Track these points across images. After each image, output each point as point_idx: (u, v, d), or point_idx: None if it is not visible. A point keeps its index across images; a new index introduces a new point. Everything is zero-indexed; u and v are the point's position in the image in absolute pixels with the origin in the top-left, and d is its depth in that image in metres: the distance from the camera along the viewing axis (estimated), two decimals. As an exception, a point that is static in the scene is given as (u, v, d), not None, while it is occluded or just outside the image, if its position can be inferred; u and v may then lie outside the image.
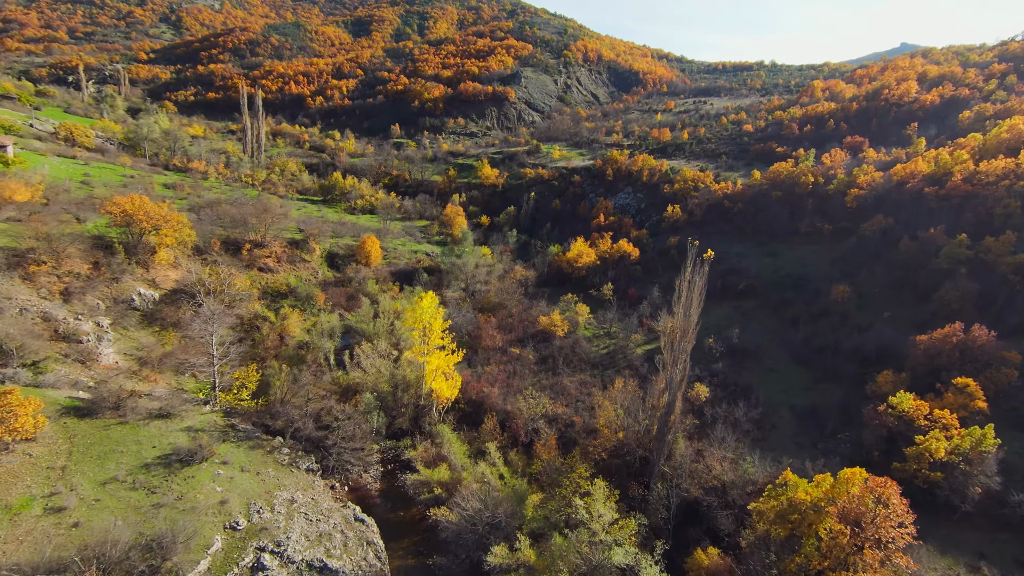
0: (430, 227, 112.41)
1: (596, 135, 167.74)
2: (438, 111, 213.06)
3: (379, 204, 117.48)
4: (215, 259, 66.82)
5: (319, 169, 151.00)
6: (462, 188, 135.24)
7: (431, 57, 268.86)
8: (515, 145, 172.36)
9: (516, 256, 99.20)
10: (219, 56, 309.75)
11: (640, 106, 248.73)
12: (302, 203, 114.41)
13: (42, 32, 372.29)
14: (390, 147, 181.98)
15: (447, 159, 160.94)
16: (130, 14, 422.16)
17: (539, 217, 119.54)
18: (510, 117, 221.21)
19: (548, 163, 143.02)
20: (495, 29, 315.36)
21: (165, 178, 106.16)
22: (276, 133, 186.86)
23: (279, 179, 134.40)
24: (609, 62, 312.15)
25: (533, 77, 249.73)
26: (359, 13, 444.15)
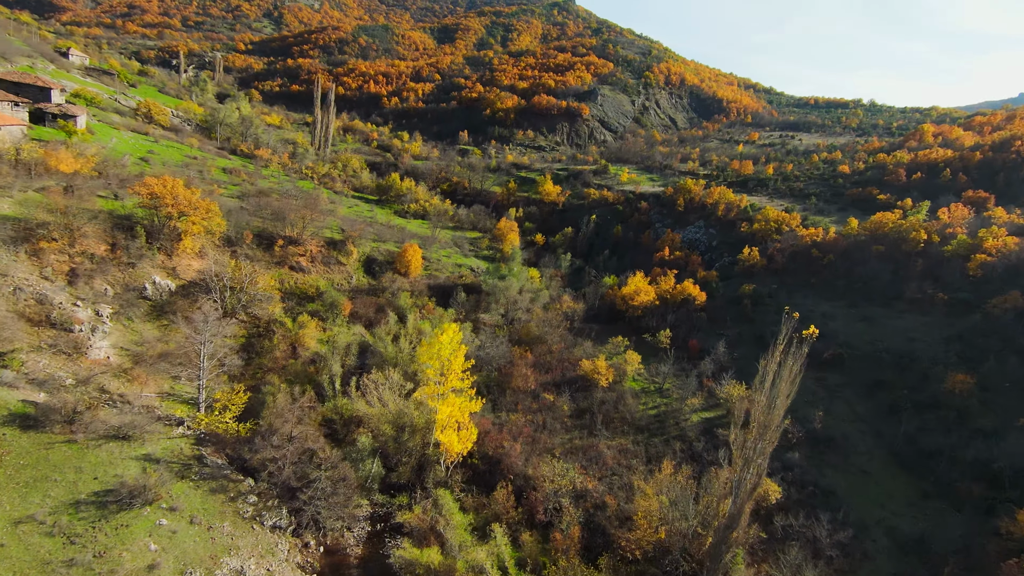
0: (480, 240, 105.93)
1: (670, 160, 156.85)
2: (508, 121, 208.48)
3: (432, 210, 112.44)
4: (245, 252, 62.63)
5: (381, 168, 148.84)
6: (520, 202, 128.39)
7: (509, 68, 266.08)
8: (582, 163, 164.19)
9: (566, 282, 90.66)
10: (309, 52, 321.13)
11: (720, 135, 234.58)
12: (356, 201, 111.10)
13: (159, 19, 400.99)
14: (455, 153, 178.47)
15: (510, 171, 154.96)
16: (238, 8, 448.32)
17: (598, 242, 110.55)
18: (581, 134, 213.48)
19: (615, 185, 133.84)
20: (577, 45, 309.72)
21: (227, 162, 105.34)
22: (347, 129, 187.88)
23: (339, 174, 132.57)
24: (692, 87, 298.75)
25: (610, 95, 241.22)
26: (446, 21, 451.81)
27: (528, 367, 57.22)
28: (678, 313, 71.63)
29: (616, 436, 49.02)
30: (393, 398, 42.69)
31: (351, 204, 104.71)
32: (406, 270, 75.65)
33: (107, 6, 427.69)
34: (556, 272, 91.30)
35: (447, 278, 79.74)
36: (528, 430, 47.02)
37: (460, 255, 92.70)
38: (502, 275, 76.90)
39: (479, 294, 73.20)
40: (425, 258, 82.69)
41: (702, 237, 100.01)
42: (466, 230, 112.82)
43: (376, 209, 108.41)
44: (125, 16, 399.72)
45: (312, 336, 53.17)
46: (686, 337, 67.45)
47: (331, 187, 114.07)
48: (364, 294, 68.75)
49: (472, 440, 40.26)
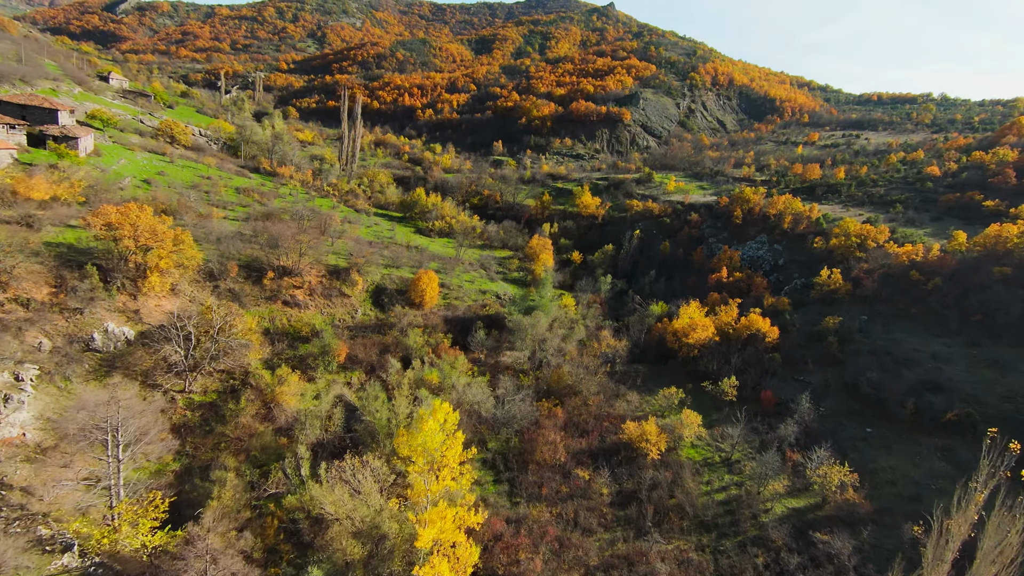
0: (510, 260, 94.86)
1: (721, 166, 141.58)
2: (545, 130, 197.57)
3: (458, 227, 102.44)
4: (230, 287, 53.89)
5: (409, 182, 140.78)
6: (555, 216, 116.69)
7: (546, 75, 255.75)
8: (624, 171, 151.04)
9: (606, 310, 78.16)
10: (348, 68, 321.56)
11: (775, 136, 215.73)
12: (377, 219, 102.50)
13: (210, 43, 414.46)
14: (487, 164, 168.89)
15: (545, 182, 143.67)
16: (284, 30, 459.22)
17: (642, 261, 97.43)
18: (622, 140, 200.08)
19: (660, 195, 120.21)
20: (617, 49, 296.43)
21: (245, 181, 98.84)
22: (379, 143, 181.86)
23: (363, 190, 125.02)
24: (741, 87, 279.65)
25: (653, 99, 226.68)
26: (483, 32, 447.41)
27: (557, 430, 45.35)
28: (744, 353, 58.00)
29: (673, 537, 36.39)
30: (372, 493, 31.85)
31: (371, 223, 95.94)
32: (420, 300, 65.38)
33: (163, 34, 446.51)
34: (595, 298, 78.94)
35: (468, 308, 68.94)
36: (554, 531, 35.11)
37: (486, 279, 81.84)
38: (530, 305, 65.39)
39: (502, 329, 62.03)
40: (444, 285, 72.31)
41: (765, 255, 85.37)
42: (495, 248, 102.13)
43: (398, 227, 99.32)
44: (179, 42, 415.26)
45: (292, 393, 43.24)
46: (756, 386, 53.83)
47: (353, 204, 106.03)
48: (369, 331, 58.79)
49: (473, 562, 28.85)
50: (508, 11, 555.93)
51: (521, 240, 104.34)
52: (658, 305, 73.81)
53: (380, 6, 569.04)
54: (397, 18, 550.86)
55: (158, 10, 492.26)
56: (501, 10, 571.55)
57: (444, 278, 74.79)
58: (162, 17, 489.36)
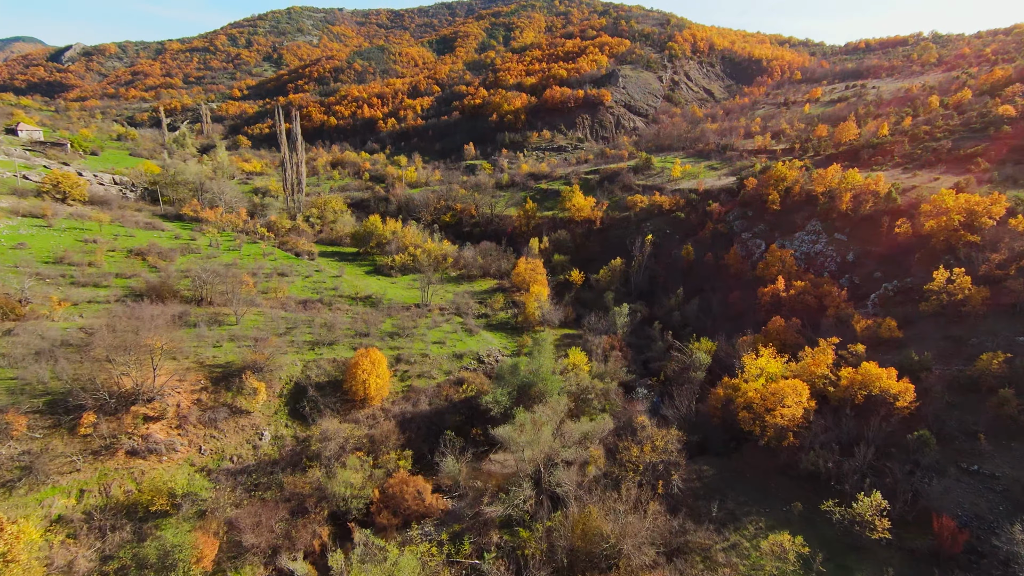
0: (493, 296, 72.86)
1: (729, 140, 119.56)
2: (519, 124, 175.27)
3: (424, 259, 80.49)
4: (11, 453, 32.09)
5: (369, 206, 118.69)
6: (544, 226, 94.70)
7: (514, 65, 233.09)
8: (615, 159, 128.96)
9: (630, 356, 56.31)
10: (304, 86, 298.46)
11: (770, 99, 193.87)
12: (324, 261, 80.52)
13: (161, 80, 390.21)
14: (460, 172, 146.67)
15: (526, 184, 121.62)
16: (238, 56, 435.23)
17: (661, 273, 75.67)
18: (606, 125, 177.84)
19: (666, 184, 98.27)
20: (586, 28, 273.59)
21: (150, 237, 76.72)
22: (336, 163, 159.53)
23: (314, 223, 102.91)
24: (723, 51, 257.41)
25: (632, 75, 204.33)
26: (444, 32, 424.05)
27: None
28: (865, 428, 36.16)
29: None
30: None
31: (312, 270, 73.80)
32: (362, 395, 43.58)
33: (112, 77, 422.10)
34: (611, 340, 57.01)
35: (436, 392, 47.00)
36: None
37: (462, 331, 59.87)
38: (525, 382, 43.55)
39: (487, 421, 40.11)
40: (402, 358, 50.50)
41: (826, 249, 63.47)
42: (474, 279, 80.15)
43: (349, 269, 77.32)
44: (129, 83, 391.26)
45: None
46: (910, 498, 31.94)
47: (294, 246, 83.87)
48: (277, 471, 36.97)
49: None
50: (468, 7, 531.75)
51: (505, 264, 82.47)
52: (701, 344, 51.96)
53: (336, 20, 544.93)
54: (355, 30, 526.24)
55: (105, 53, 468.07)
56: (460, 8, 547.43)
57: (402, 346, 52.93)
58: (110, 60, 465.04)
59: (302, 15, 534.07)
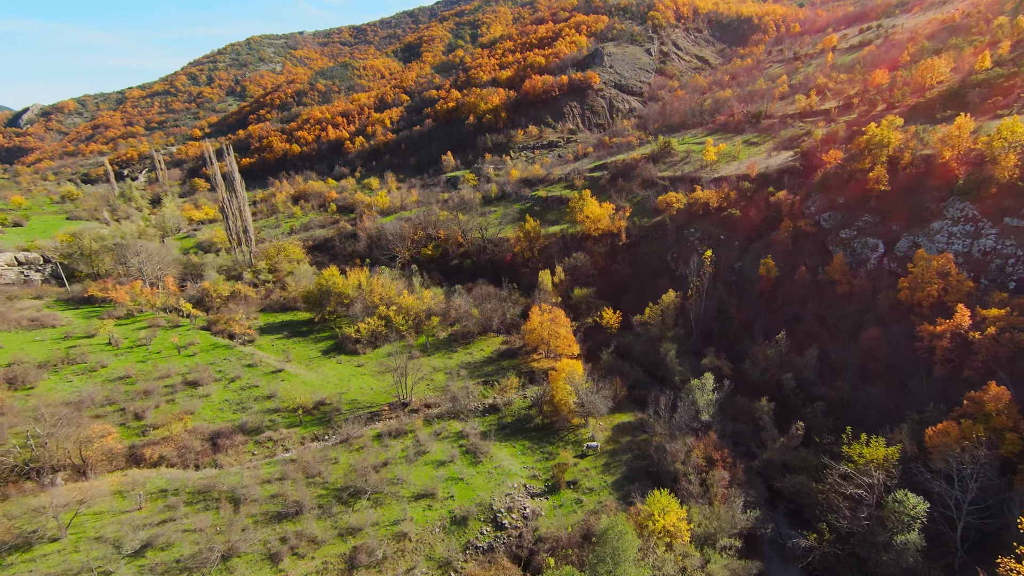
0: (501, 372, 50.43)
1: (760, 105, 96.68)
2: (500, 123, 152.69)
3: (401, 321, 58.22)
4: None
5: (334, 246, 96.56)
6: (553, 247, 72.14)
7: (485, 60, 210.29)
8: (621, 149, 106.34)
9: (733, 457, 33.90)
10: (266, 115, 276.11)
11: (774, 57, 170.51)
12: (266, 342, 58.46)
13: (123, 130, 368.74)
14: (440, 188, 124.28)
15: (520, 193, 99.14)
16: (199, 95, 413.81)
17: (730, 302, 53.10)
18: (598, 110, 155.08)
19: (699, 172, 75.68)
20: (557, 11, 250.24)
21: (28, 341, 55.26)
22: (299, 196, 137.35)
23: (265, 281, 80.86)
24: (708, 14, 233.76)
25: (618, 52, 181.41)
26: (408, 39, 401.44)
27: None
28: None
29: None
30: None
31: (239, 369, 51.25)
32: None
33: (73, 135, 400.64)
34: (705, 447, 34.74)
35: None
36: None
37: (462, 455, 37.52)
38: None
39: None
40: (358, 561, 28.46)
41: (1001, 246, 40.96)
42: (471, 339, 57.68)
43: (298, 351, 55.20)
44: (89, 138, 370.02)
45: None
46: None
47: (225, 327, 61.61)
48: None
49: None
50: (430, 12, 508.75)
51: (510, 310, 60.13)
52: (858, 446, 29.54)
53: (298, 44, 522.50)
54: (319, 51, 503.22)
55: (64, 110, 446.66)
56: (423, 14, 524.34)
57: (361, 523, 30.66)
58: (70, 117, 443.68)
59: (262, 43, 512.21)
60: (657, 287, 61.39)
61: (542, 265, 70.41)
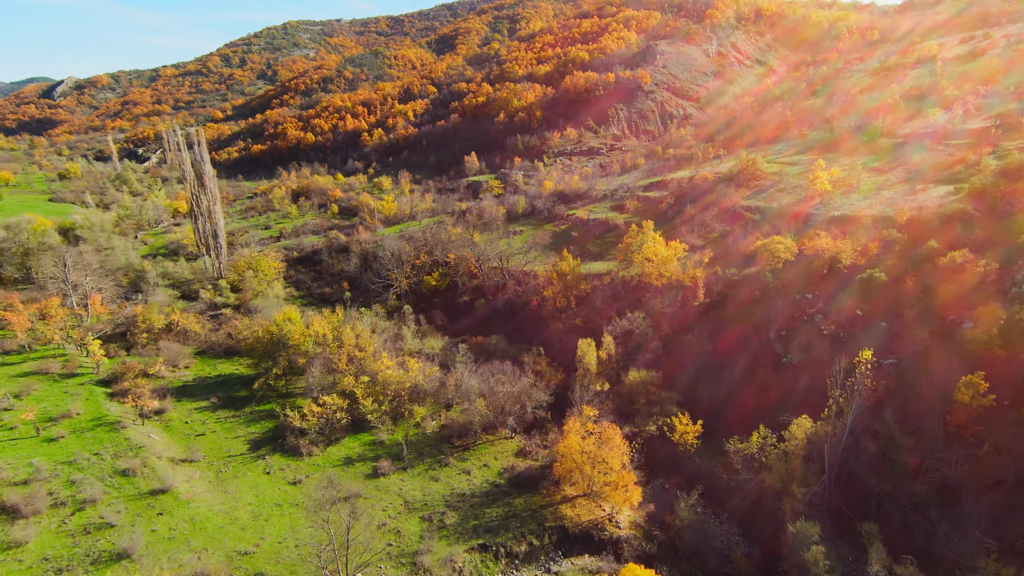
0: (511, 529, 30.81)
1: (880, 121, 74.56)
2: (534, 123, 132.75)
3: (369, 406, 38.91)
4: None
5: (321, 261, 78.02)
6: (597, 298, 51.72)
7: (522, 54, 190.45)
8: (683, 163, 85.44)
9: None
10: (289, 101, 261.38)
11: (853, 66, 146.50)
12: (177, 416, 40.03)
13: (151, 108, 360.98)
14: (459, 194, 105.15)
15: (553, 210, 79.10)
16: (230, 77, 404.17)
17: (901, 442, 32.14)
18: (648, 115, 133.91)
19: (808, 206, 54.50)
20: (603, 5, 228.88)
21: None
22: (301, 192, 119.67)
23: (225, 306, 62.69)
24: (772, 16, 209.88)
25: (671, 51, 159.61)
26: (444, 31, 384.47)
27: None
28: None
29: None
30: None
31: (121, 466, 32.86)
32: None
33: (103, 109, 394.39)
34: None
35: None
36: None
37: None
38: None
39: None
40: None
41: None
42: (475, 443, 38.15)
43: (211, 447, 36.59)
44: (116, 114, 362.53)
45: None
46: None
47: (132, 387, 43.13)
48: None
49: None
50: (469, 5, 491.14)
51: (535, 396, 40.21)
52: None
53: (334, 32, 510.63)
54: (354, 40, 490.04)
55: (97, 85, 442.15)
56: (462, 7, 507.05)
57: None
58: (102, 91, 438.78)
59: (298, 29, 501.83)
60: (754, 379, 40.90)
61: (580, 320, 50.38)
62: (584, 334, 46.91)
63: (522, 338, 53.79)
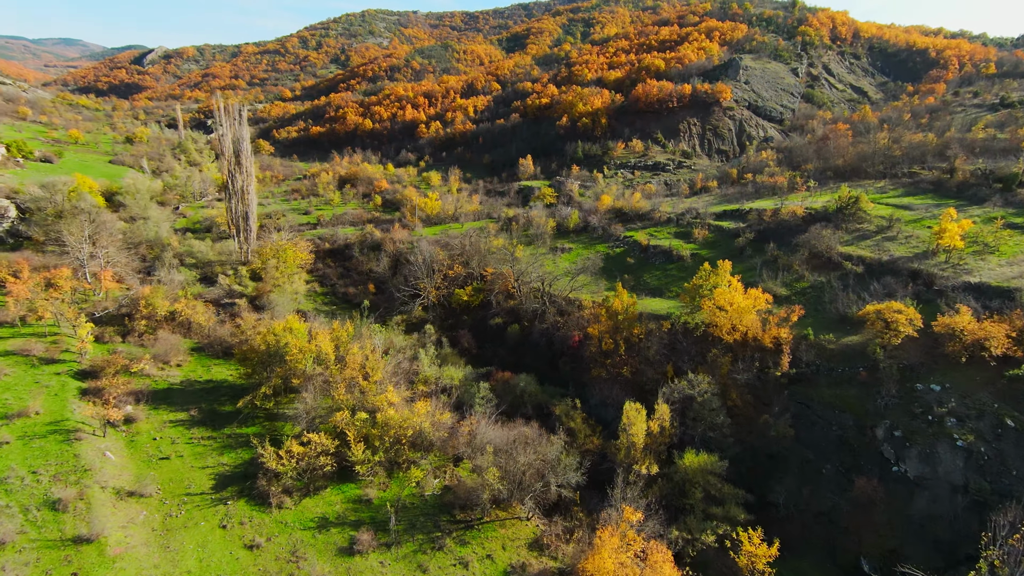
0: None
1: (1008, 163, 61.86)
2: (598, 131, 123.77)
3: (358, 454, 31.86)
4: None
5: (352, 257, 72.42)
6: (653, 345, 42.83)
7: (593, 58, 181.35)
8: (763, 192, 74.73)
9: None
10: (356, 86, 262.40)
11: (966, 100, 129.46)
12: (158, 422, 34.39)
13: (228, 81, 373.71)
14: (508, 198, 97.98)
15: (609, 229, 70.27)
16: (305, 59, 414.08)
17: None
18: (723, 133, 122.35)
19: (932, 264, 43.63)
20: (685, 14, 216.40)
21: None
22: (347, 179, 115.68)
23: (241, 296, 57.84)
24: (871, 40, 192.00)
25: (757, 67, 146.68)
26: (516, 29, 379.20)
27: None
28: None
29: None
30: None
31: (52, 496, 27.13)
32: None
33: (185, 79, 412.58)
34: None
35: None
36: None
37: None
38: None
39: None
40: None
41: None
42: (482, 521, 30.34)
43: (178, 465, 30.52)
44: (196, 85, 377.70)
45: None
46: None
47: (109, 385, 38.08)
48: None
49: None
50: (545, 6, 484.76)
51: (562, 472, 32.08)
52: None
53: (410, 23, 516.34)
54: (427, 32, 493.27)
55: (183, 56, 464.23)
56: (538, 8, 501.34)
57: None
58: (187, 63, 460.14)
59: (376, 17, 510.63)
60: (851, 487, 31.19)
61: (629, 371, 41.64)
62: (631, 389, 38.33)
63: (557, 379, 45.73)
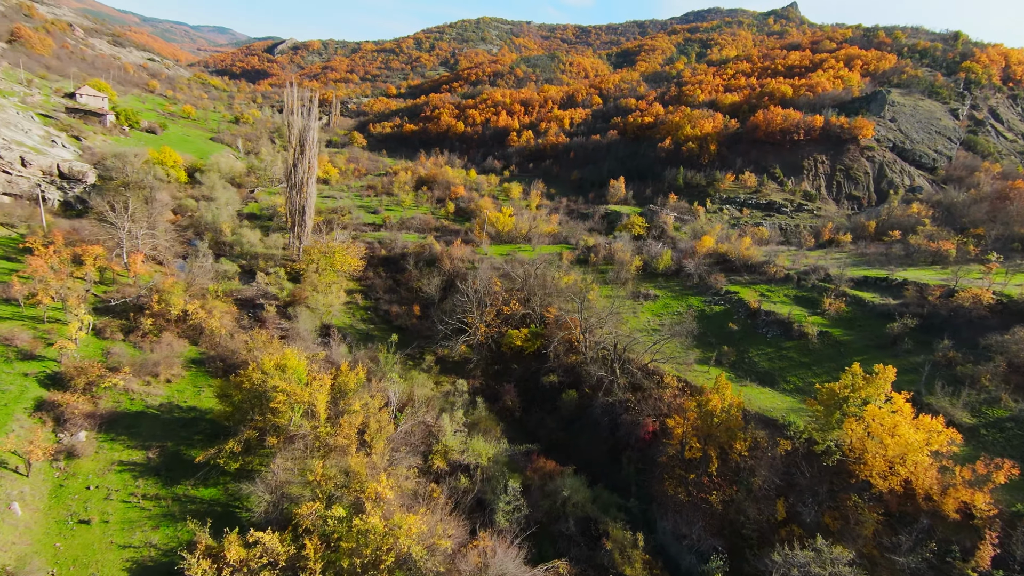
0: None
1: None
2: (704, 157, 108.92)
3: None
4: None
5: (406, 269, 64.80)
6: (763, 469, 30.27)
7: (707, 79, 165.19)
8: (915, 257, 57.82)
9: None
10: (457, 88, 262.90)
11: None
12: (112, 457, 27.42)
13: (344, 75, 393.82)
14: (592, 223, 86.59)
15: (707, 277, 56.94)
16: (417, 60, 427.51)
17: None
18: (856, 176, 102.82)
19: None
20: (820, 39, 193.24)
21: None
22: (425, 181, 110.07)
23: (273, 299, 51.75)
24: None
25: (906, 104, 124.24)
26: (627, 45, 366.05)
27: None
28: None
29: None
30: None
31: None
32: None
33: (307, 70, 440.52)
34: None
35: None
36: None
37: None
38: None
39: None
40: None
41: None
42: None
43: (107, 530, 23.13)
44: (315, 76, 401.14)
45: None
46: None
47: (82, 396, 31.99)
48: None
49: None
50: (661, 25, 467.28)
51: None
52: None
53: (522, 33, 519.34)
54: (538, 43, 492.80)
55: (309, 48, 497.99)
56: (653, 26, 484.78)
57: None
58: (312, 55, 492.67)
59: (489, 25, 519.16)
60: None
61: (719, 500, 29.19)
62: (721, 528, 26.25)
63: (616, 480, 34.11)
